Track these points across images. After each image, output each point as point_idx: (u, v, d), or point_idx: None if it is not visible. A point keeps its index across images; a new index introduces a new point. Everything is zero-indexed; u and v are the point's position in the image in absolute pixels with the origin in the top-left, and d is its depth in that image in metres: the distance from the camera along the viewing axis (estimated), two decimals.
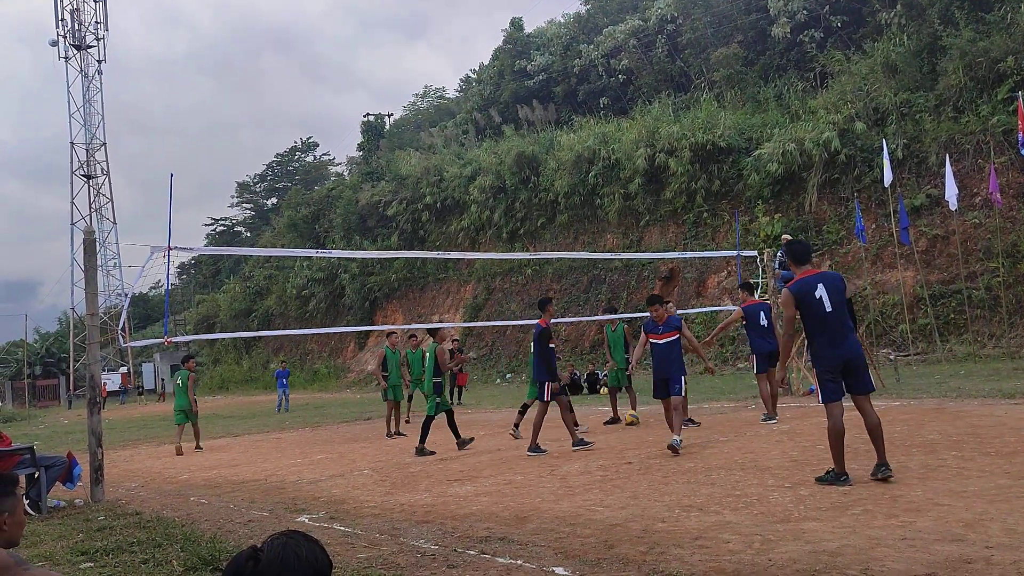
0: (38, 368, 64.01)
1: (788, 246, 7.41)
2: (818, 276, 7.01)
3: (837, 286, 6.92)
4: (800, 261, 7.13)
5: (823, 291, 6.83)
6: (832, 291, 6.86)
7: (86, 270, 9.94)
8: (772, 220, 25.33)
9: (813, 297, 6.83)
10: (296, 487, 9.26)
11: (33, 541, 6.86)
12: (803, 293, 6.87)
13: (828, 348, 6.82)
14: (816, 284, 6.88)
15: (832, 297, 6.84)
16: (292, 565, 1.89)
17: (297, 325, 46.05)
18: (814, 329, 6.87)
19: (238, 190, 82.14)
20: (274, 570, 1.89)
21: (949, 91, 22.83)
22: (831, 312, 6.82)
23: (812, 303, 6.83)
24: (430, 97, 63.68)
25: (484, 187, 35.74)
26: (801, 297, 6.87)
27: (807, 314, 6.86)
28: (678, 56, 35.50)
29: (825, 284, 6.88)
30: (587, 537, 5.75)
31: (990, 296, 19.91)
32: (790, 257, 7.21)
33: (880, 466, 6.80)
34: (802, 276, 7.00)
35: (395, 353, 15.93)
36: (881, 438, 6.88)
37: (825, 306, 6.82)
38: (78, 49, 58.56)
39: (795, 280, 7.00)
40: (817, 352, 6.91)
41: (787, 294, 6.96)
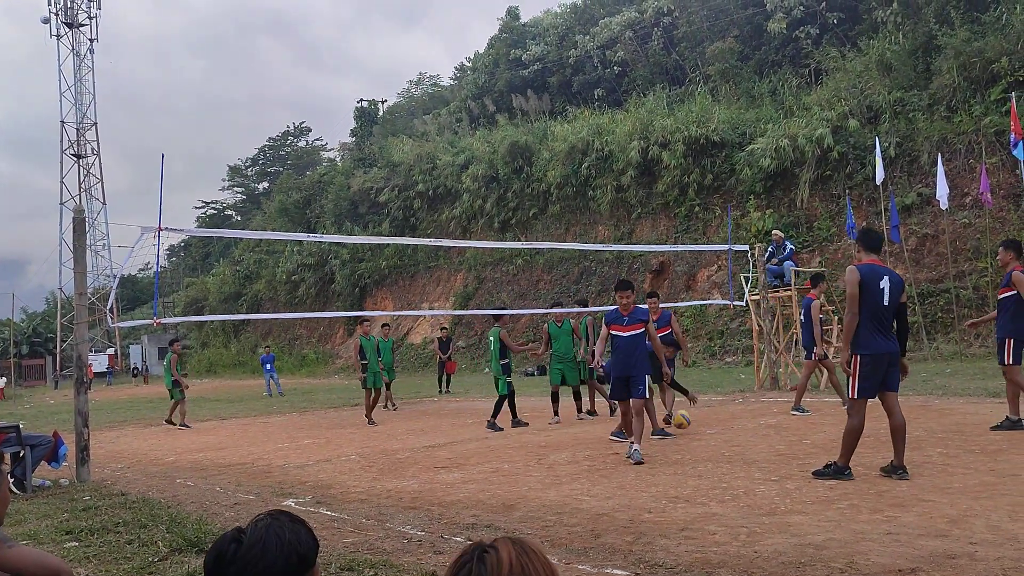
0: (24, 348, 63.67)
1: (863, 233, 7.25)
2: (886, 269, 6.92)
3: (899, 286, 6.83)
4: (871, 249, 7.01)
5: (887, 283, 6.75)
6: (894, 288, 6.78)
7: (75, 250, 9.87)
8: (764, 215, 25.38)
9: (877, 285, 6.72)
10: (283, 471, 9.25)
11: (17, 520, 6.83)
12: (869, 278, 6.74)
13: (880, 339, 6.72)
14: (883, 275, 6.79)
15: (892, 293, 6.75)
16: (273, 548, 1.87)
17: (286, 310, 45.92)
18: (867, 316, 6.73)
19: (229, 174, 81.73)
20: (255, 552, 1.86)
21: (943, 90, 22.89)
22: (887, 307, 6.74)
23: (875, 291, 6.72)
24: (424, 84, 63.44)
25: (477, 176, 35.69)
26: (867, 280, 6.73)
27: (865, 300, 6.71)
28: (674, 49, 35.46)
29: (890, 278, 6.81)
30: (574, 526, 5.76)
31: (978, 296, 20.02)
32: (863, 243, 7.07)
33: (897, 468, 6.75)
34: (870, 262, 6.88)
35: (370, 340, 15.99)
36: (903, 439, 6.81)
37: (884, 298, 6.73)
38: (70, 27, 58.08)
39: (863, 263, 6.86)
40: (864, 341, 6.74)
41: (854, 272, 6.78)
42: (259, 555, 1.85)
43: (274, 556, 1.86)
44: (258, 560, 1.84)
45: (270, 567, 1.85)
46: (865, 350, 6.72)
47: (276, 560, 1.86)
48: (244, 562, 1.84)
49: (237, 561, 1.84)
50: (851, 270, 6.83)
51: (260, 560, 1.84)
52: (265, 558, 1.85)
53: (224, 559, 1.85)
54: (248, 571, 1.84)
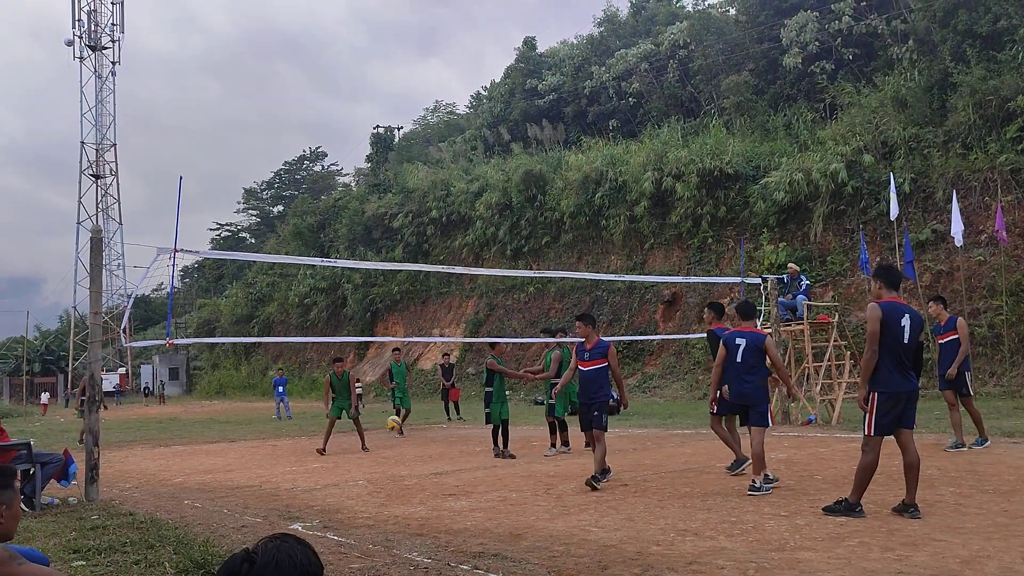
0: (37, 365, 63.93)
1: (884, 270, 7.14)
2: (906, 306, 6.86)
3: (918, 325, 6.78)
4: (891, 285, 6.94)
5: (908, 322, 6.70)
6: (914, 327, 6.72)
7: (91, 269, 9.96)
8: (777, 248, 25.36)
9: (898, 323, 6.67)
10: (290, 495, 9.23)
11: (26, 537, 6.83)
12: (891, 315, 6.68)
13: (896, 376, 6.66)
14: (904, 313, 6.74)
15: (912, 332, 6.70)
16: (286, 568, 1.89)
17: (298, 333, 46.03)
18: (886, 355, 6.65)
19: (244, 196, 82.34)
20: (268, 572, 1.89)
21: (958, 128, 22.91)
22: (907, 345, 6.68)
23: (896, 329, 6.66)
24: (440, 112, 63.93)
25: (490, 203, 35.84)
26: (888, 318, 6.66)
27: (886, 338, 6.64)
28: (689, 82, 35.67)
29: (911, 317, 6.75)
30: (581, 557, 5.72)
31: (992, 334, 19.89)
32: (883, 280, 6.96)
33: (909, 506, 6.67)
34: (891, 300, 6.82)
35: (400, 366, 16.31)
36: (917, 477, 6.73)
37: (905, 336, 6.68)
38: (93, 50, 58.90)
39: (884, 300, 6.80)
40: (883, 379, 6.66)
41: (876, 309, 6.69)
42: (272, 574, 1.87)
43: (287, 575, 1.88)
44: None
45: None
46: (884, 388, 6.65)
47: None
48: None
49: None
50: (873, 307, 6.75)
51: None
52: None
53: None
54: None
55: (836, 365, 16.32)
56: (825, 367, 16.03)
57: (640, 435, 15.20)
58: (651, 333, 27.26)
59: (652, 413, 20.37)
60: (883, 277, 7.03)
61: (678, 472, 9.80)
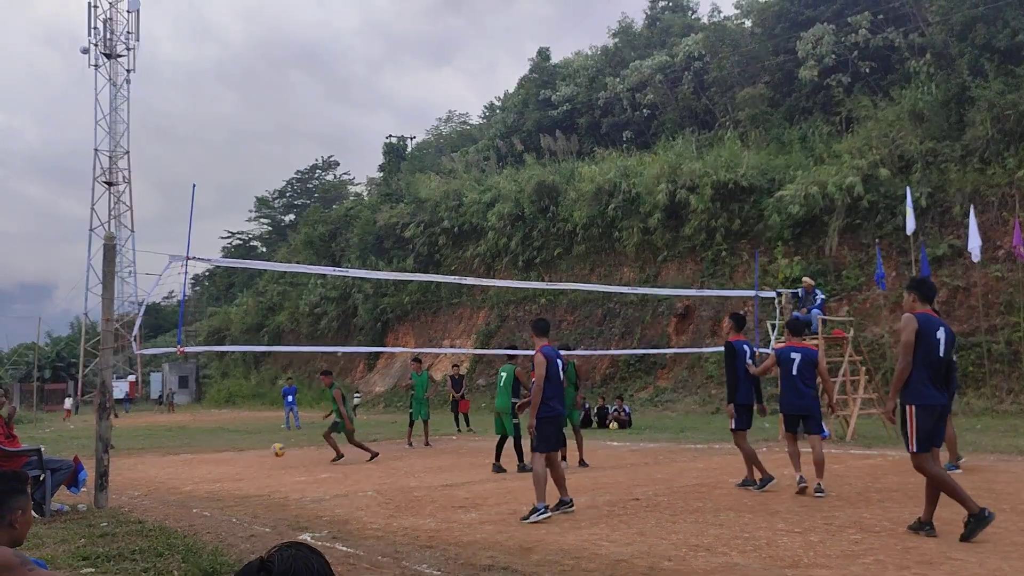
0: (48, 372, 64.18)
1: (919, 283, 7.03)
2: (940, 320, 6.79)
3: (952, 339, 6.73)
4: (926, 299, 6.84)
5: (943, 335, 6.63)
6: (948, 340, 6.65)
7: (104, 276, 9.97)
8: (791, 262, 25.23)
9: (933, 335, 6.59)
10: (299, 504, 9.19)
11: (36, 544, 6.81)
12: (926, 327, 6.59)
13: (933, 390, 6.55)
14: (939, 326, 6.66)
15: (947, 345, 6.63)
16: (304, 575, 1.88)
17: (308, 342, 46.08)
18: (921, 367, 6.55)
19: (256, 205, 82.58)
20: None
21: (976, 142, 22.76)
22: (941, 358, 6.60)
23: (931, 341, 6.57)
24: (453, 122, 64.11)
25: (502, 214, 35.83)
26: (924, 330, 6.57)
27: (920, 350, 6.54)
28: (704, 93, 35.62)
29: (945, 330, 6.67)
30: (592, 571, 5.65)
31: (1010, 351, 19.69)
32: (919, 293, 6.85)
33: (925, 525, 6.62)
34: (926, 312, 6.73)
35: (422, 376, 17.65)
36: (937, 497, 6.64)
37: (940, 349, 6.59)
38: (108, 58, 59.30)
39: (919, 312, 6.71)
40: (918, 391, 6.55)
41: (912, 320, 6.60)
42: None
43: None
44: None
45: None
46: (919, 400, 6.53)
47: None
48: None
49: None
50: (909, 318, 6.64)
51: None
52: None
53: None
54: None
55: (851, 381, 16.16)
56: (840, 382, 15.88)
57: (652, 449, 15.10)
58: (664, 346, 27.13)
59: (664, 427, 20.26)
60: (917, 290, 6.90)
61: (691, 487, 9.71)
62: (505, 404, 12.50)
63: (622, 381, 28.67)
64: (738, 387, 9.54)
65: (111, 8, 58.82)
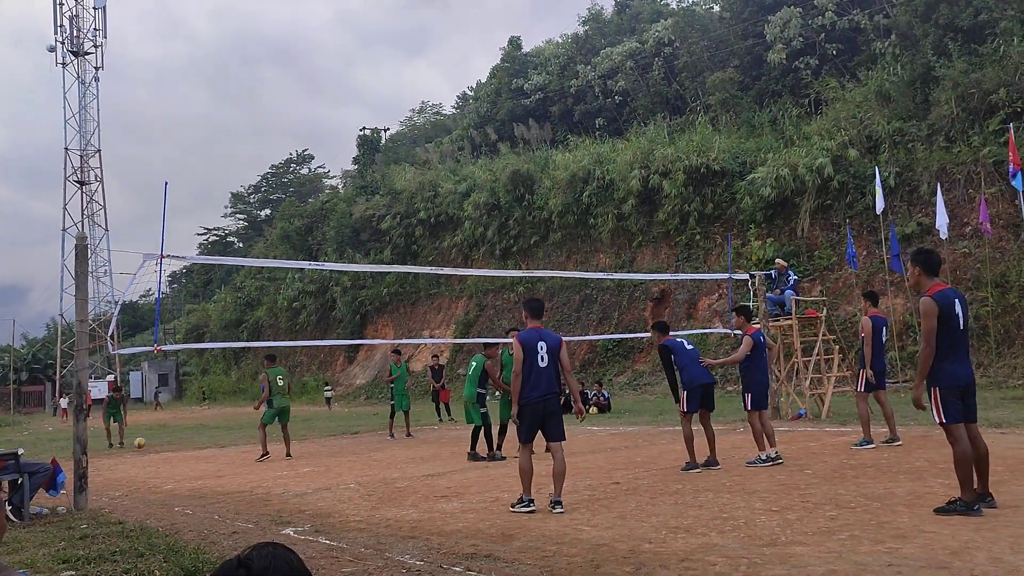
0: (24, 374, 63.51)
1: (924, 255, 6.77)
2: (954, 291, 6.60)
3: (966, 307, 6.59)
4: (932, 272, 6.65)
5: (960, 308, 6.47)
6: (965, 310, 6.54)
7: (77, 276, 9.90)
8: (764, 244, 25.45)
9: (952, 311, 6.41)
10: (282, 499, 9.20)
11: (14, 548, 6.79)
12: (945, 307, 6.40)
13: (956, 366, 6.42)
14: (954, 298, 6.47)
15: (964, 316, 6.51)
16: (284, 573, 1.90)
17: (287, 337, 45.92)
18: (944, 345, 6.38)
19: (232, 200, 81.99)
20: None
21: (941, 121, 23.04)
22: (963, 331, 6.48)
23: (951, 317, 6.40)
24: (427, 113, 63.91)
25: (478, 204, 35.84)
26: (944, 310, 6.39)
27: (944, 332, 6.38)
28: (674, 79, 35.75)
29: (960, 301, 6.50)
30: (573, 556, 5.72)
31: (978, 325, 20.00)
32: (924, 266, 6.66)
33: (984, 496, 6.48)
34: (940, 288, 6.52)
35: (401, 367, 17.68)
36: (988, 467, 6.56)
37: (960, 322, 6.45)
38: (76, 55, 58.46)
39: (935, 290, 6.49)
40: (943, 369, 6.40)
41: (932, 303, 6.39)
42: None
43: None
44: None
45: None
46: (945, 382, 6.41)
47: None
48: None
49: None
50: (928, 303, 6.42)
51: None
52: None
53: None
54: None
55: (825, 359, 16.38)
56: (814, 361, 16.09)
57: (631, 433, 15.23)
58: (641, 330, 27.28)
59: (643, 411, 20.41)
60: (922, 263, 6.69)
61: (669, 469, 9.82)
62: (471, 393, 12.60)
63: (600, 366, 28.84)
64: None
65: (77, 5, 57.92)
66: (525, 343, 7.65)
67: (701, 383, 9.75)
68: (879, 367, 10.88)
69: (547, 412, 7.61)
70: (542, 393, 7.57)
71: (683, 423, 9.84)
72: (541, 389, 7.56)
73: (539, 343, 7.67)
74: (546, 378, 7.60)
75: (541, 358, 7.61)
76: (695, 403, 9.77)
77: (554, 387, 7.68)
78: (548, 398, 7.59)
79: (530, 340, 7.67)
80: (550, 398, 7.61)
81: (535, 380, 7.56)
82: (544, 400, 7.58)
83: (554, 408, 7.68)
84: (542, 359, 7.61)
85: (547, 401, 7.58)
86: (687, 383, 9.72)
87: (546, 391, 7.59)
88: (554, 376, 7.70)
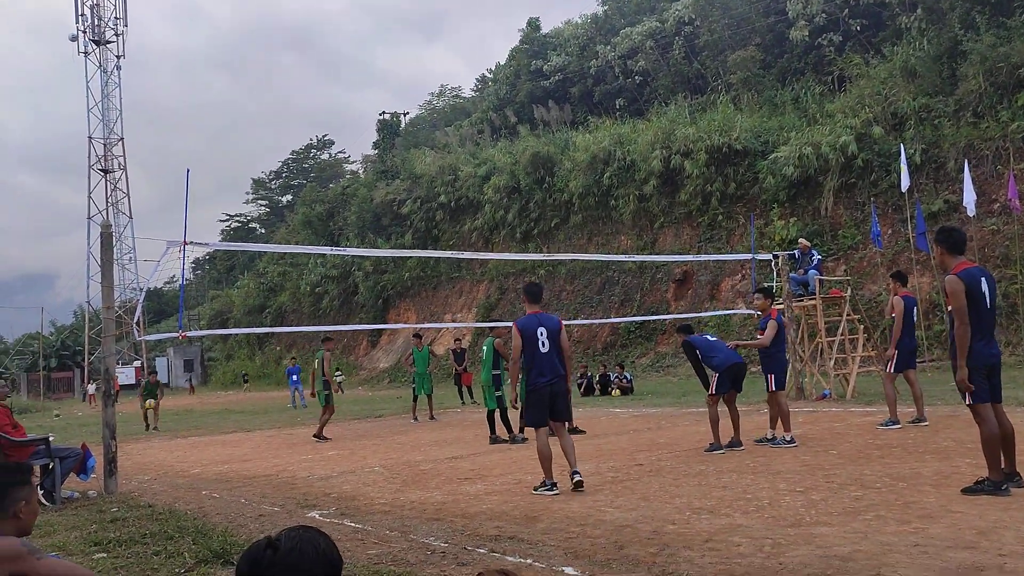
0: (53, 361, 64.44)
1: (947, 233, 6.64)
2: (980, 269, 6.49)
3: (993, 284, 6.47)
4: (957, 250, 6.51)
5: (987, 286, 6.34)
6: (992, 288, 6.41)
7: (103, 264, 10.00)
8: (787, 224, 25.24)
9: (979, 290, 6.29)
10: (307, 483, 9.28)
11: (47, 531, 6.90)
12: (972, 285, 6.26)
13: (983, 345, 6.30)
14: (980, 276, 6.34)
15: (991, 293, 6.39)
16: (310, 556, 1.92)
17: (310, 322, 46.20)
18: (972, 324, 6.25)
19: (253, 186, 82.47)
20: (293, 559, 1.91)
21: (969, 96, 22.68)
22: (990, 310, 6.38)
23: (978, 296, 6.28)
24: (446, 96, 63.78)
25: (498, 187, 35.78)
26: (971, 289, 6.24)
27: (969, 307, 6.24)
28: (695, 58, 35.41)
29: (987, 279, 6.38)
30: (597, 537, 5.74)
31: (1007, 303, 19.76)
32: (947, 245, 6.51)
33: (1013, 476, 6.38)
34: (965, 266, 6.39)
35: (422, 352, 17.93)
36: (1015, 447, 6.47)
37: (987, 301, 6.33)
38: (97, 44, 58.83)
39: (960, 268, 6.36)
40: (970, 348, 6.26)
41: (957, 281, 6.24)
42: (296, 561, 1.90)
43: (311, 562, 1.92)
44: (295, 566, 1.89)
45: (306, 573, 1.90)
46: (972, 362, 6.28)
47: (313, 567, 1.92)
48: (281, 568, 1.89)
49: (275, 566, 1.89)
50: (954, 281, 6.29)
51: (297, 566, 1.89)
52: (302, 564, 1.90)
53: (260, 565, 1.89)
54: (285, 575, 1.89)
55: (849, 339, 16.25)
56: (838, 341, 15.97)
57: (654, 415, 15.22)
58: (663, 312, 27.24)
59: (666, 392, 20.38)
60: (945, 242, 6.58)
61: (693, 450, 9.81)
62: (487, 377, 12.69)
63: (623, 348, 28.79)
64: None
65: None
66: (524, 330, 7.67)
67: (732, 363, 9.77)
68: (911, 346, 10.82)
69: (554, 394, 7.66)
70: (548, 379, 7.63)
71: (710, 405, 9.82)
72: (547, 375, 7.61)
73: (539, 329, 7.69)
74: (549, 363, 7.64)
75: (542, 343, 7.65)
76: (726, 384, 9.78)
77: (559, 370, 7.71)
78: (554, 382, 7.65)
79: (529, 327, 7.69)
80: (556, 382, 7.65)
81: (539, 366, 7.61)
82: (551, 384, 7.64)
83: (560, 390, 7.72)
84: (543, 344, 7.65)
85: (553, 385, 7.64)
86: (718, 365, 9.73)
87: (552, 376, 7.64)
88: (557, 359, 7.71)
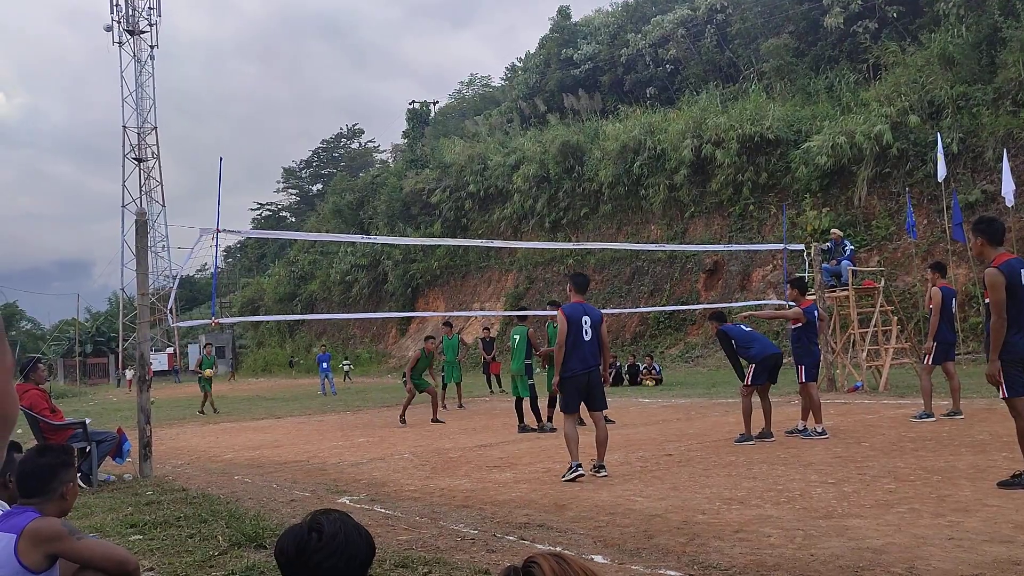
0: (89, 347, 65.48)
1: (986, 223, 6.47)
2: (1020, 261, 6.33)
3: None
4: (996, 241, 6.37)
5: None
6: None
7: (137, 251, 10.14)
8: (820, 214, 24.95)
9: (1018, 282, 6.14)
10: (338, 469, 9.37)
11: (84, 513, 7.04)
12: (1012, 277, 6.13)
13: (1020, 338, 6.16)
14: (1020, 269, 6.20)
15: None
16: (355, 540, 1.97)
17: (340, 310, 46.52)
18: (1009, 317, 6.13)
19: (284, 175, 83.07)
20: (339, 541, 1.96)
21: (1008, 84, 22.23)
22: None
23: (1017, 288, 6.14)
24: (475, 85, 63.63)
25: (528, 176, 35.71)
26: (1011, 282, 6.12)
27: (1008, 299, 6.12)
28: (727, 46, 35.05)
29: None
30: (627, 527, 5.73)
31: None
32: (987, 236, 6.37)
33: None
34: (1005, 258, 6.26)
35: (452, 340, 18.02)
36: None
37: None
38: (131, 35, 59.55)
39: (1001, 261, 6.22)
40: (1007, 342, 6.15)
41: (997, 274, 6.12)
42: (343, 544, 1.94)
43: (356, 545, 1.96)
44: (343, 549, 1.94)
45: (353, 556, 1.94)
46: (1008, 355, 6.19)
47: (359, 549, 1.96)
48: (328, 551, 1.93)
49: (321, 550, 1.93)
50: (994, 274, 6.17)
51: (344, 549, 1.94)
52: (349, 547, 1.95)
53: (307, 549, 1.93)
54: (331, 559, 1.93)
55: (883, 331, 16.05)
56: (871, 333, 15.77)
57: (684, 405, 15.16)
58: (693, 302, 27.08)
59: (695, 383, 20.29)
60: (984, 232, 6.41)
61: (723, 441, 9.76)
62: (519, 367, 12.61)
63: (652, 339, 28.68)
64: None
65: None
66: (570, 316, 7.83)
67: (769, 353, 9.72)
68: (950, 339, 10.68)
69: (591, 383, 7.83)
70: (586, 366, 7.80)
71: (743, 396, 9.76)
72: (586, 362, 7.79)
73: (584, 317, 7.87)
74: (590, 351, 7.83)
75: (585, 332, 7.82)
76: (763, 376, 9.73)
77: (596, 360, 7.90)
78: (591, 370, 7.84)
79: (575, 314, 7.87)
80: (593, 370, 7.84)
81: (580, 353, 7.79)
82: (588, 372, 7.81)
83: (596, 379, 7.89)
84: (586, 333, 7.82)
85: (590, 373, 7.81)
86: (756, 355, 9.67)
87: (590, 364, 7.83)
88: (596, 349, 7.90)
